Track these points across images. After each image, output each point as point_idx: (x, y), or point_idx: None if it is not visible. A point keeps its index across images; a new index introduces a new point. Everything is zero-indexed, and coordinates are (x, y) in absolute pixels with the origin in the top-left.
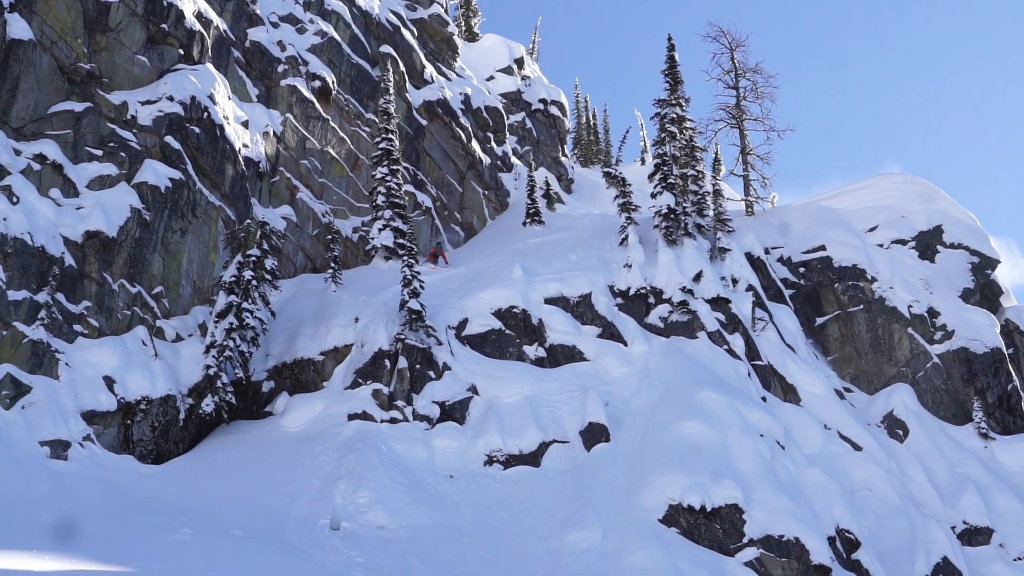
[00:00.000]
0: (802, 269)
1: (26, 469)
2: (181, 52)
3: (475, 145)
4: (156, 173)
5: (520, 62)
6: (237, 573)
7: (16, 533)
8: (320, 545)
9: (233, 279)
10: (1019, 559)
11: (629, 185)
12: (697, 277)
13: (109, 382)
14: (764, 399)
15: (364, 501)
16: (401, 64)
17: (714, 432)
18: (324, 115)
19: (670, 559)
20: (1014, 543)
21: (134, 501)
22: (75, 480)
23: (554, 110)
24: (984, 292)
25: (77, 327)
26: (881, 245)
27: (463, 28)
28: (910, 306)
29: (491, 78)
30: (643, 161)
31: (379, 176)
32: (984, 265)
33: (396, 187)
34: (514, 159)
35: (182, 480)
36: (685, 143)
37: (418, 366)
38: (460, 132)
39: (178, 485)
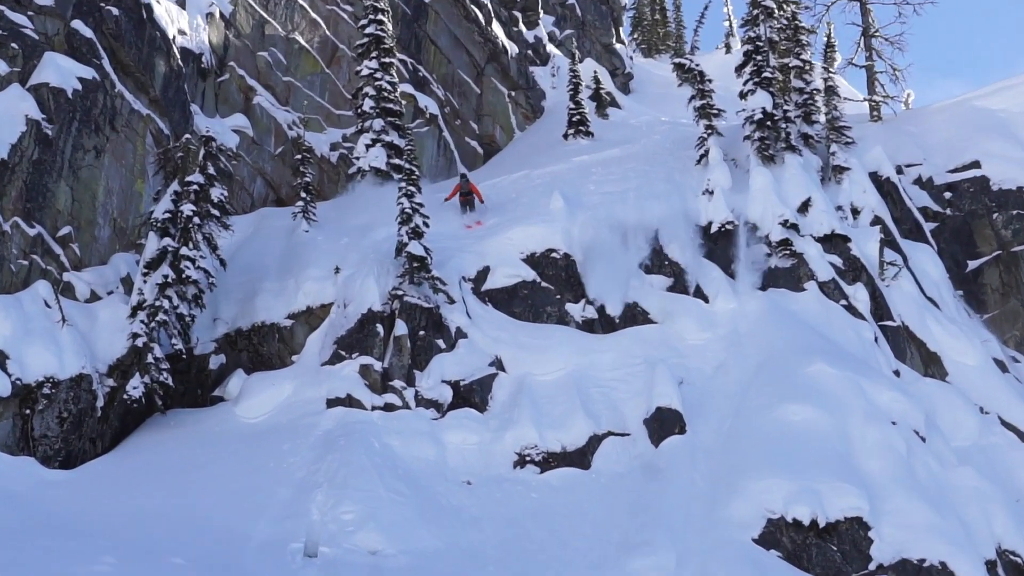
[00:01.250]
0: (948, 194)
1: None
2: None
3: (497, 29)
4: (60, 71)
5: None
6: None
7: None
8: None
9: (167, 216)
10: None
11: (709, 81)
12: (804, 207)
13: (0, 358)
14: (897, 373)
15: (350, 517)
16: None
17: (829, 418)
18: None
19: None
20: None
21: (35, 518)
22: None
23: None
24: None
25: None
26: None
27: None
28: None
29: None
30: (728, 49)
31: (366, 73)
32: None
33: (389, 88)
34: (551, 48)
35: (101, 490)
36: (786, 23)
37: (422, 333)
38: (476, 11)
39: (96, 497)
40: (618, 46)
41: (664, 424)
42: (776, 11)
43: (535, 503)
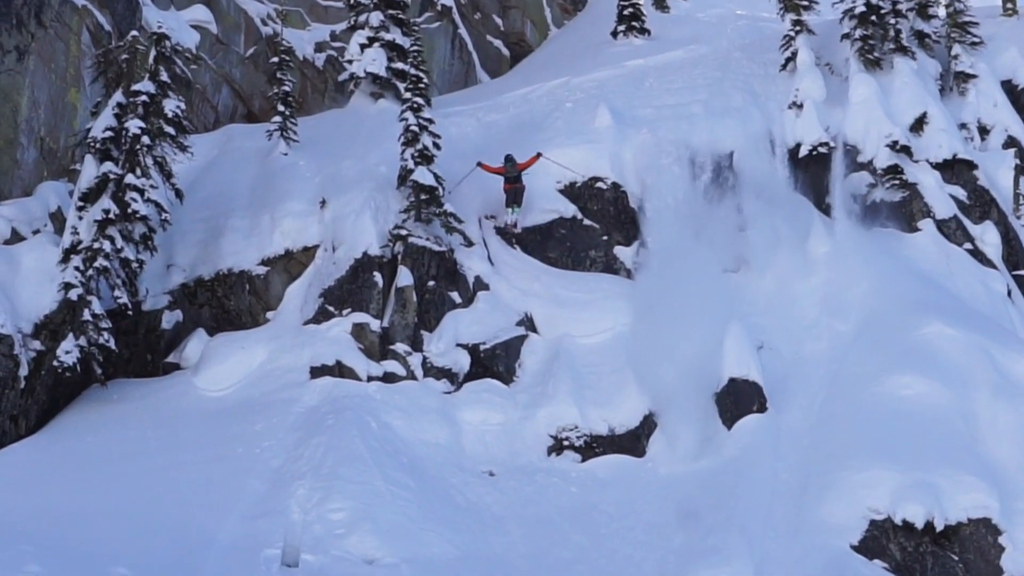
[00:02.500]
0: None
1: None
2: None
3: None
4: None
5: None
6: None
7: None
8: None
9: (109, 135)
10: None
11: None
12: (918, 125)
13: None
14: None
15: (341, 517)
16: None
17: (949, 394)
18: None
19: None
20: None
21: None
22: None
23: None
24: None
25: None
26: None
27: None
28: None
29: None
30: None
31: None
32: None
33: None
34: None
35: (26, 482)
36: None
37: (432, 283)
38: None
39: (19, 489)
40: None
41: (739, 400)
42: None
43: (574, 500)
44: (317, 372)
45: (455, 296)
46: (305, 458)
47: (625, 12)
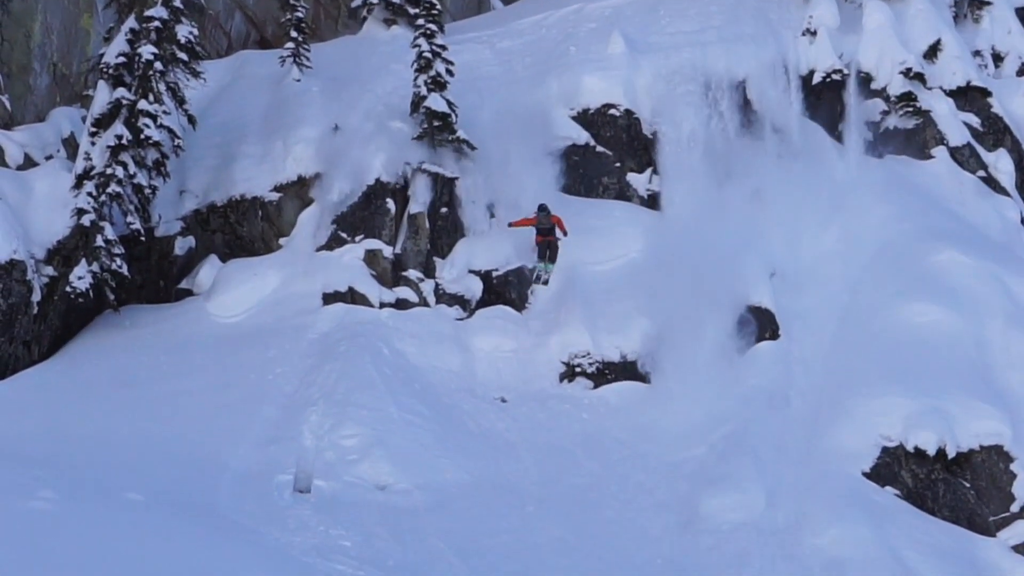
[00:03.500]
0: None
1: None
2: None
3: None
4: None
5: None
6: (134, 566)
7: None
8: (278, 519)
9: (122, 60)
10: None
11: None
12: (931, 52)
13: None
14: None
15: (353, 443)
16: None
17: (962, 321)
18: None
19: (884, 541)
20: None
21: None
22: None
23: None
24: None
25: None
26: None
27: None
28: None
29: None
30: None
31: None
32: None
33: None
34: None
35: (38, 407)
36: None
37: (445, 210)
38: None
39: (31, 415)
40: None
41: (752, 327)
42: None
43: (586, 426)
44: (330, 298)
45: (467, 223)
46: (318, 384)
47: None
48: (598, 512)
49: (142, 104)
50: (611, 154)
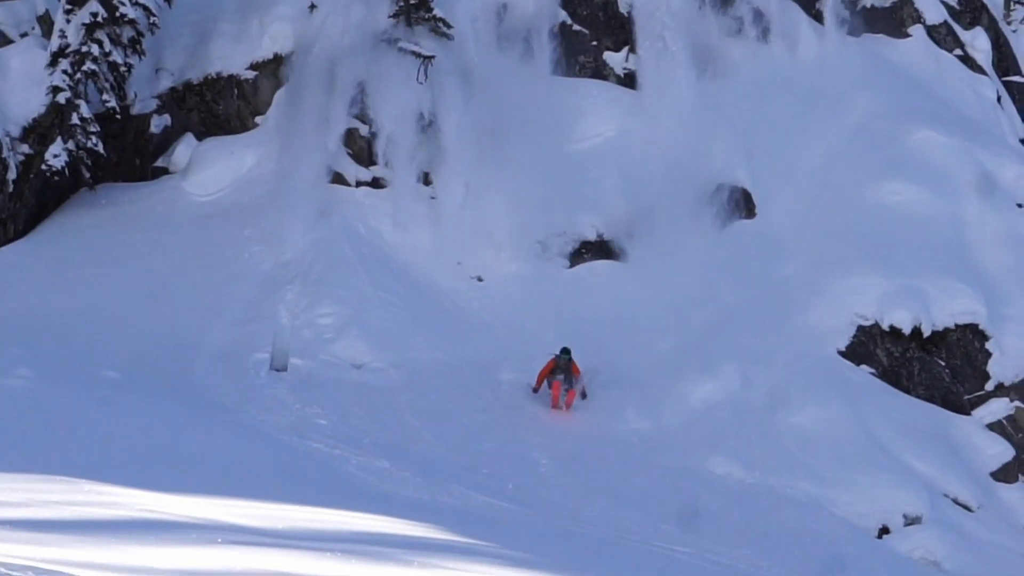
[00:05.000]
0: None
1: None
2: None
3: None
4: None
5: None
6: (115, 444)
7: None
8: (255, 398)
9: None
10: None
11: None
12: None
13: None
14: None
15: (329, 322)
16: None
17: (938, 200)
18: None
19: (859, 419)
20: None
21: None
22: None
23: None
24: None
25: None
26: None
27: None
28: None
29: None
30: None
31: None
32: None
33: None
34: None
35: (16, 284)
36: None
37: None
38: None
39: (8, 292)
40: None
41: (728, 206)
42: None
43: (565, 302)
44: None
45: None
46: (294, 264)
47: None
48: None
49: None
50: (587, 32)
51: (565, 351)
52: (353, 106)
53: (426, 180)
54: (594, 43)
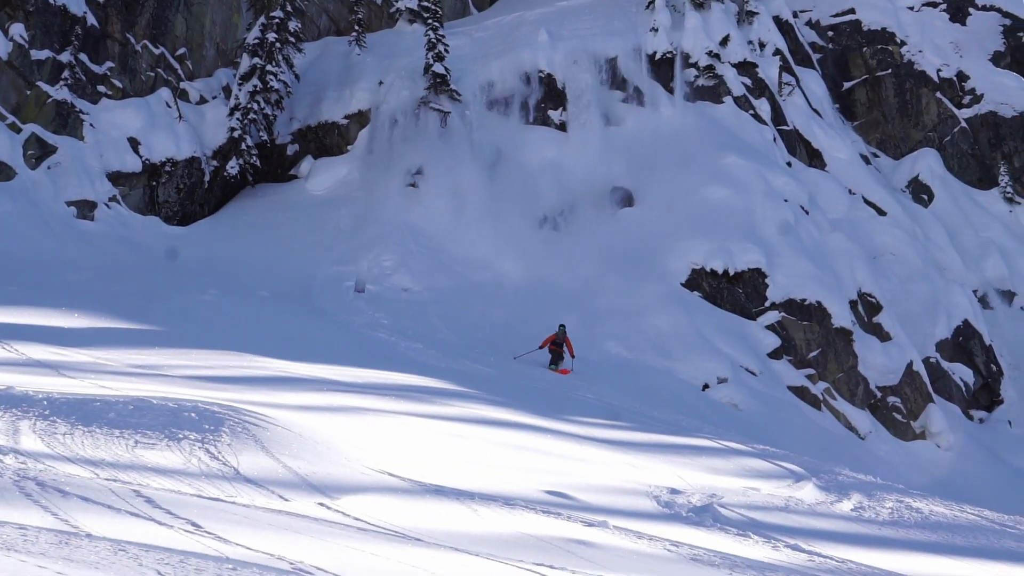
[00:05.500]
0: (831, 33)
1: (54, 229)
2: None
3: None
4: None
5: None
6: (263, 334)
7: (47, 292)
8: (345, 307)
9: (257, 41)
10: None
11: None
12: (724, 41)
13: (134, 143)
14: (789, 164)
15: (389, 264)
16: None
17: (738, 197)
18: None
19: (692, 322)
20: None
21: (160, 262)
22: (102, 240)
23: None
24: (1015, 55)
25: (101, 88)
26: (911, 8)
27: None
28: (939, 70)
29: None
30: None
31: None
32: (1016, 27)
33: None
34: None
35: (207, 242)
36: None
37: (443, 130)
38: None
39: (203, 247)
40: None
41: (618, 200)
42: None
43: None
44: None
45: None
46: (369, 232)
47: None
48: (530, 303)
49: (268, 67)
50: (540, 99)
51: (562, 326)
52: (405, 143)
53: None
54: (543, 105)
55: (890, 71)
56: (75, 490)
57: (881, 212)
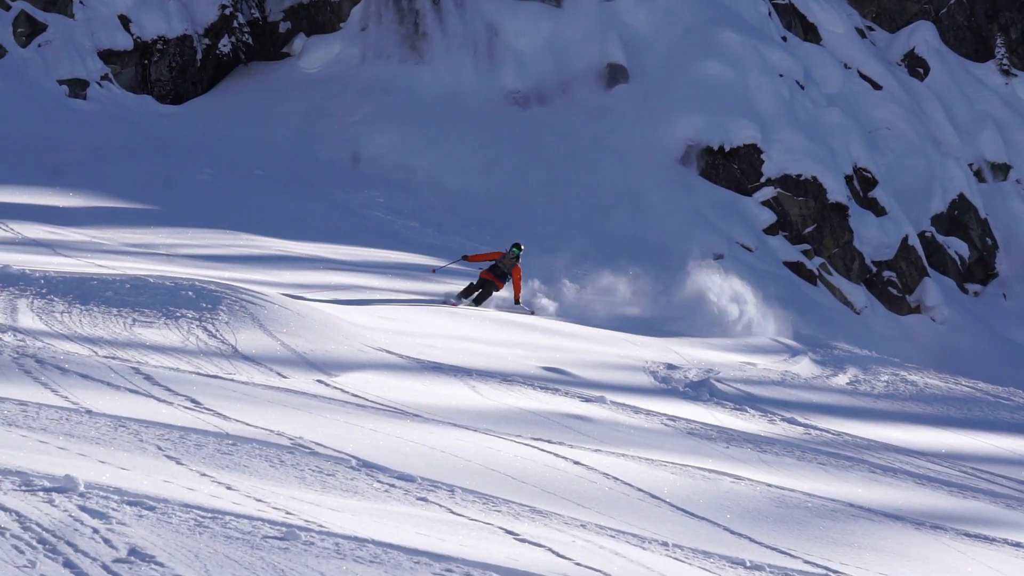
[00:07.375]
0: None
1: (45, 108)
2: None
3: None
4: None
5: None
6: (259, 213)
7: (41, 171)
8: (342, 186)
9: None
10: None
11: None
12: None
13: (124, 21)
14: (784, 39)
15: (384, 140)
16: None
17: (733, 73)
18: None
19: (691, 199)
20: None
21: (154, 141)
22: (95, 119)
23: None
24: None
25: None
26: None
27: None
28: None
29: None
30: None
31: None
32: None
33: None
34: None
35: (201, 121)
36: None
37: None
38: None
39: (197, 126)
40: None
41: (613, 75)
42: None
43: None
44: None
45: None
46: (359, 99)
47: None
48: (523, 173)
49: None
50: None
51: (516, 246)
52: (397, 21)
53: None
54: None
55: None
56: (74, 367)
57: (877, 86)
